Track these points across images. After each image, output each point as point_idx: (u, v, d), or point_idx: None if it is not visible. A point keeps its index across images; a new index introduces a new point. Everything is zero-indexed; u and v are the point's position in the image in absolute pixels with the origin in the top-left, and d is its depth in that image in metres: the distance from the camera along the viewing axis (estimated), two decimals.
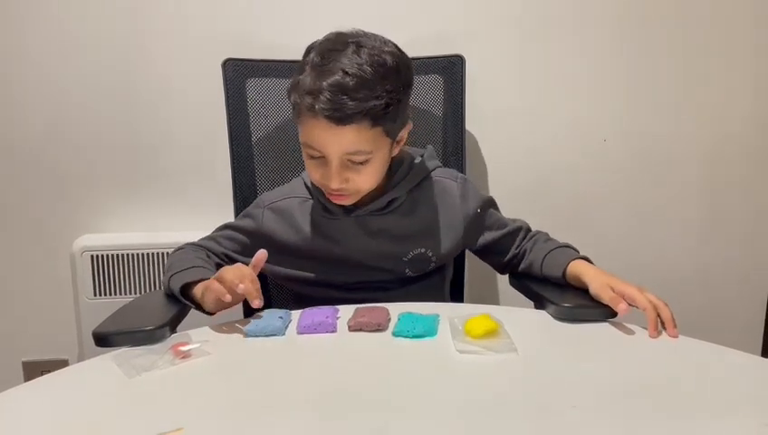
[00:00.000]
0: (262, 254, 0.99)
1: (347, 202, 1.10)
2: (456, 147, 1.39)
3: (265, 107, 1.34)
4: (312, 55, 1.03)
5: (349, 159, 1.03)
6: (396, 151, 1.12)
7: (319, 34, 1.10)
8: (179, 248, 1.15)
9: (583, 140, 1.65)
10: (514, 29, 1.58)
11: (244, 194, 1.33)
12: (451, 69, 1.37)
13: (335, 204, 1.13)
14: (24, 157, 1.53)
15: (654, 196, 1.70)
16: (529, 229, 1.21)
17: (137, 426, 0.66)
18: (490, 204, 1.21)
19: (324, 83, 0.97)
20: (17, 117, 1.51)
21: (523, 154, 1.64)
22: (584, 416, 0.67)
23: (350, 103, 0.97)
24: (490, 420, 0.67)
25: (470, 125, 1.44)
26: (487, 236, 1.19)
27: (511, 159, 1.63)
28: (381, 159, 1.07)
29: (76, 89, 1.51)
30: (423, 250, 1.15)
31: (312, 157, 1.05)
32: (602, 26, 1.59)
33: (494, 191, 1.61)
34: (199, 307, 1.00)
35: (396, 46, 1.07)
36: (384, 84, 1.00)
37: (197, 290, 0.99)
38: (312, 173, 1.08)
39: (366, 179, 1.06)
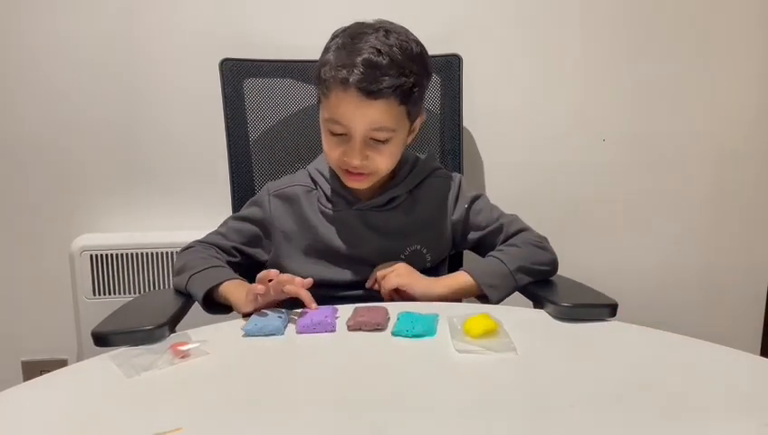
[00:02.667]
0: (308, 281, 0.97)
1: (363, 184, 1.12)
2: (453, 145, 1.39)
3: (263, 106, 1.35)
4: (338, 39, 1.07)
5: (372, 136, 1.06)
6: (409, 141, 1.15)
7: (316, 34, 1.10)
8: (188, 247, 1.16)
9: (582, 140, 1.65)
10: (512, 28, 1.58)
11: (242, 193, 1.33)
12: (448, 68, 1.38)
13: (340, 195, 1.15)
14: (23, 157, 1.53)
15: (653, 196, 1.70)
16: (514, 225, 1.19)
17: (136, 426, 0.66)
18: (476, 200, 1.21)
19: (358, 59, 1.01)
20: (16, 117, 1.51)
21: (520, 153, 1.64)
22: (583, 415, 0.67)
23: (384, 78, 1.01)
24: (489, 420, 0.67)
25: (467, 124, 1.44)
26: (474, 235, 1.20)
27: (508, 158, 1.64)
28: (400, 142, 1.10)
29: (75, 89, 1.51)
30: (418, 247, 1.16)
31: (334, 133, 1.07)
32: (601, 25, 1.59)
33: (492, 190, 1.62)
34: (223, 307, 1.03)
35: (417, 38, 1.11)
36: (411, 66, 1.04)
37: (226, 289, 1.02)
38: (332, 151, 1.10)
39: (384, 160, 1.09)
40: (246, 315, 0.96)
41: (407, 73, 1.03)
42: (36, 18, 1.47)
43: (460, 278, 1.09)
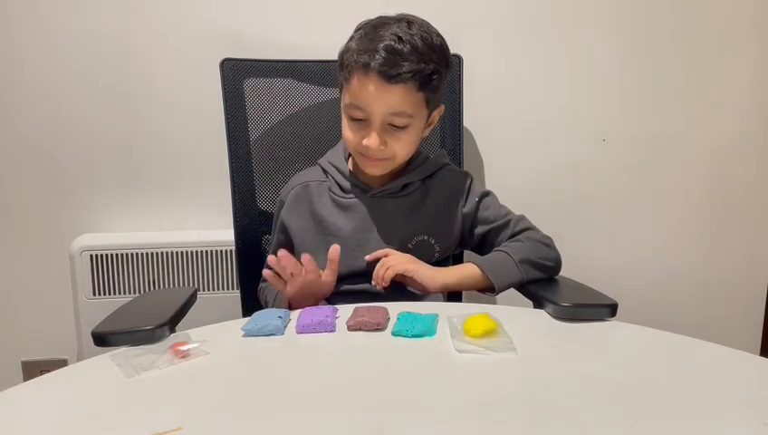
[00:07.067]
0: (335, 249, 1.04)
1: (380, 170, 1.14)
2: (454, 145, 1.39)
3: (263, 106, 1.35)
4: (361, 30, 1.10)
5: (390, 121, 1.08)
6: (426, 133, 1.18)
7: (317, 34, 1.11)
8: (259, 287, 1.26)
9: (582, 140, 1.65)
10: (513, 28, 1.58)
11: (242, 193, 1.34)
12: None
13: (352, 183, 1.18)
14: (23, 157, 1.53)
15: (653, 195, 1.70)
16: (521, 224, 1.20)
17: (136, 425, 0.66)
18: (486, 196, 1.23)
19: (380, 45, 1.05)
20: (15, 117, 1.51)
21: (521, 153, 1.64)
22: (583, 415, 0.67)
23: (404, 64, 1.04)
24: (489, 420, 0.67)
25: (468, 124, 1.44)
26: (481, 229, 1.21)
27: (509, 158, 1.64)
28: (417, 131, 1.13)
29: (75, 89, 1.51)
30: (426, 237, 1.17)
31: (354, 119, 1.10)
32: (601, 26, 1.60)
33: (492, 190, 1.63)
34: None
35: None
36: (431, 55, 1.07)
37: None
38: (351, 137, 1.12)
39: (401, 147, 1.12)
40: (247, 315, 0.97)
41: (426, 61, 1.06)
42: (36, 20, 1.47)
43: (465, 268, 1.12)
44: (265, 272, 1.01)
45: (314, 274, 1.03)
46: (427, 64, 1.06)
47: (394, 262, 1.09)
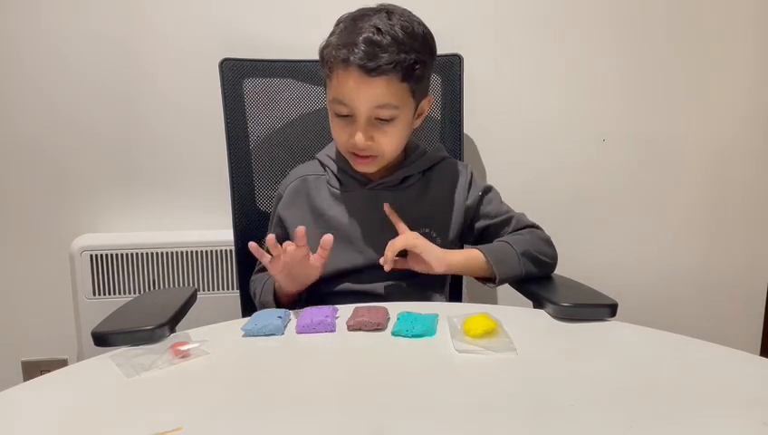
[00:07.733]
0: (328, 237, 1.02)
1: (371, 168, 1.13)
2: (454, 145, 1.39)
3: (263, 106, 1.35)
4: (342, 23, 1.09)
5: (376, 115, 1.06)
6: (417, 124, 1.16)
7: (316, 33, 1.10)
8: (250, 281, 1.25)
9: (582, 140, 1.65)
10: (513, 28, 1.58)
11: (241, 193, 1.33)
12: (449, 68, 1.38)
13: (351, 176, 1.16)
14: (23, 157, 1.53)
15: (653, 195, 1.70)
16: (523, 221, 1.20)
17: (136, 425, 0.66)
18: (489, 191, 1.23)
19: (359, 38, 1.03)
20: (15, 117, 1.51)
21: (521, 153, 1.64)
22: (582, 415, 0.67)
23: (383, 55, 1.02)
24: (489, 420, 0.67)
25: (468, 124, 1.44)
26: (481, 224, 1.21)
27: (509, 158, 1.64)
28: (405, 122, 1.11)
29: (75, 89, 1.51)
30: (428, 231, 1.16)
31: (340, 115, 1.09)
32: (602, 26, 1.60)
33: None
34: (293, 299, 1.09)
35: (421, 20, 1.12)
36: (413, 44, 1.05)
37: (277, 289, 1.08)
38: (339, 134, 1.11)
39: (390, 141, 1.10)
40: (247, 315, 0.97)
41: (407, 50, 1.04)
42: (35, 19, 1.47)
43: (470, 252, 1.11)
44: (251, 244, 0.99)
45: (304, 250, 1.01)
46: (408, 54, 1.04)
47: (405, 235, 1.08)
